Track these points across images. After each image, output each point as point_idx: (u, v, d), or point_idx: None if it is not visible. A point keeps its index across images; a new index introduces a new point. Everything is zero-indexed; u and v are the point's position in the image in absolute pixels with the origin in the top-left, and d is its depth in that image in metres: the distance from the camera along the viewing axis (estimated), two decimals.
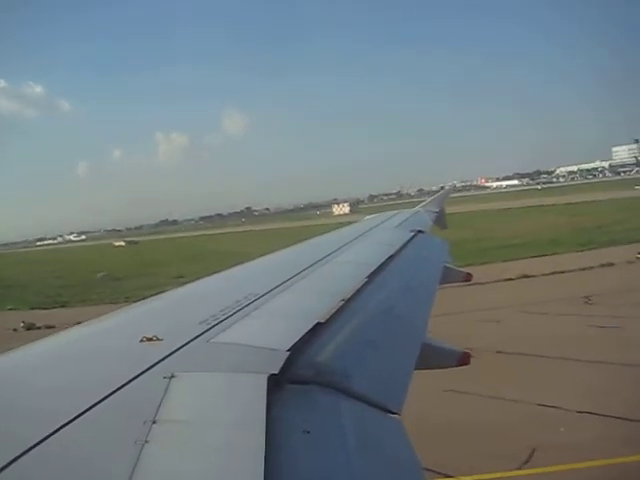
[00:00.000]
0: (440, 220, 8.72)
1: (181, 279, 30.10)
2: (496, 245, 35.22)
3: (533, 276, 24.04)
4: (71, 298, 32.97)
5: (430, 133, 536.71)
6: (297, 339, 2.23)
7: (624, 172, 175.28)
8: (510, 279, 23.77)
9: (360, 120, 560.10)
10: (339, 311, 2.88)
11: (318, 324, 2.53)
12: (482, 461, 8.52)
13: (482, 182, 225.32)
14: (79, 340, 2.58)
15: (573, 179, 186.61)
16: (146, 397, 1.71)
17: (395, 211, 9.38)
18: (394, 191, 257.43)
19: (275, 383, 1.83)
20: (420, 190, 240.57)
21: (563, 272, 24.07)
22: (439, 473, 7.90)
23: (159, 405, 1.65)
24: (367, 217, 9.08)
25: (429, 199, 11.95)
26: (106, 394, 1.70)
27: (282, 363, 1.95)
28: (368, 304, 3.17)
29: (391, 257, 4.49)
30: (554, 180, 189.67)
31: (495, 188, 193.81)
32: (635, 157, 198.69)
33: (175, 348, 2.12)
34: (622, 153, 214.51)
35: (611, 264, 24.35)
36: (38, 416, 1.61)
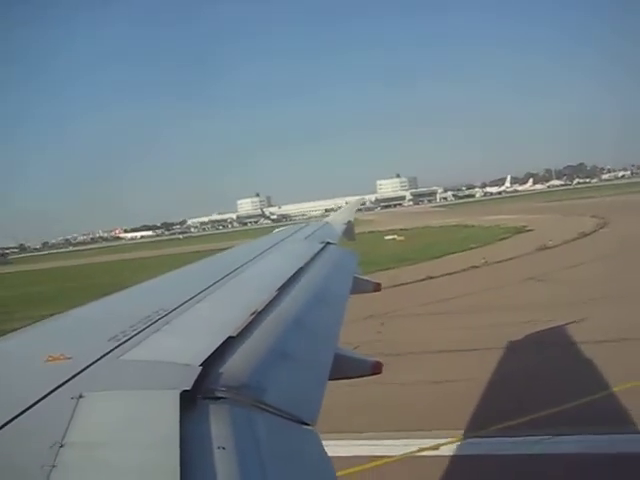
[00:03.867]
0: (349, 232, 8.95)
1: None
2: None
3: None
4: None
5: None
6: (209, 353, 2.21)
7: (250, 222, 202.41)
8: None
9: None
10: (251, 324, 2.88)
11: (230, 338, 2.53)
12: None
13: (117, 233, 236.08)
14: None
15: (205, 229, 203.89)
16: (53, 419, 1.64)
17: (303, 223, 9.54)
18: (12, 245, 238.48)
19: (188, 399, 1.81)
20: (45, 243, 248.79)
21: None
22: None
23: (67, 427, 1.59)
24: (277, 230, 9.16)
25: (338, 211, 12.22)
26: (9, 418, 1.61)
27: (195, 378, 1.93)
28: (279, 316, 3.18)
29: (301, 269, 4.53)
30: (187, 230, 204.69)
31: (131, 239, 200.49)
32: (260, 209, 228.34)
33: (83, 367, 2.05)
34: (246, 205, 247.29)
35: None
36: None
